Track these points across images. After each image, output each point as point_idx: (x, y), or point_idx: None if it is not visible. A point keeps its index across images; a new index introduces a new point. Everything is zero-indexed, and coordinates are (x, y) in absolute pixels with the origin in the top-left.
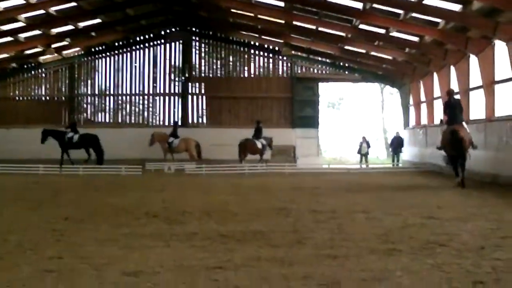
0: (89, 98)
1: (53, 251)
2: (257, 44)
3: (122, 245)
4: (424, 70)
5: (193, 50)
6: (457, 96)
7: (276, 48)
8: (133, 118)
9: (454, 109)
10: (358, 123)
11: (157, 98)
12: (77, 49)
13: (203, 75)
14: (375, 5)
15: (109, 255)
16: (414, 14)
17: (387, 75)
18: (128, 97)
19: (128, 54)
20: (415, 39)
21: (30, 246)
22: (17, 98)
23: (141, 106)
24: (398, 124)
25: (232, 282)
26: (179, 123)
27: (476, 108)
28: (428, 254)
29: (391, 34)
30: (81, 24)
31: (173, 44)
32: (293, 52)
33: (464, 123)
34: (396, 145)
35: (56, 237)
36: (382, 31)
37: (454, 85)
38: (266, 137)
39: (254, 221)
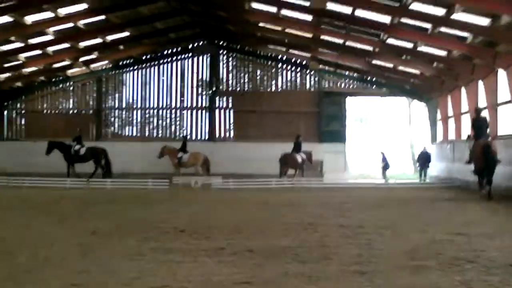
0: (116, 111)
1: (80, 265)
2: (284, 58)
3: (150, 260)
4: (452, 84)
5: (221, 63)
6: (484, 112)
7: (304, 62)
8: (160, 131)
9: (481, 126)
10: (385, 138)
11: (185, 111)
12: (105, 62)
13: (230, 89)
14: (403, 20)
15: (136, 270)
16: (442, 29)
17: (415, 89)
18: (155, 110)
19: (156, 67)
20: (443, 53)
21: (57, 260)
22: (44, 111)
23: (168, 120)
24: (425, 139)
25: None
26: (188, 137)
27: (504, 123)
28: (457, 271)
29: (419, 48)
30: (109, 38)
31: (200, 57)
32: (320, 66)
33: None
34: (423, 160)
35: (84, 251)
36: (410, 45)
37: (482, 100)
38: (306, 151)
39: (282, 236)
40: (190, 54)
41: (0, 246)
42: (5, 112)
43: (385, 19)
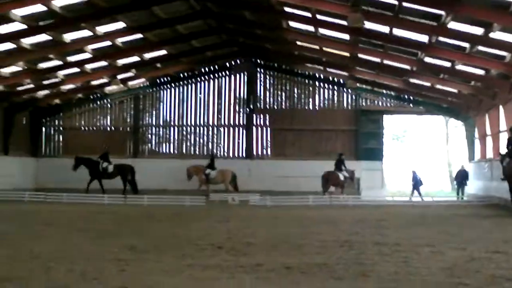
0: (153, 128)
1: (118, 281)
2: (321, 76)
3: (187, 276)
4: (490, 103)
5: (258, 81)
6: None
7: (341, 81)
8: (197, 149)
9: None
10: (422, 156)
11: (222, 129)
12: (142, 80)
13: (267, 106)
14: (440, 39)
15: (174, 286)
16: (480, 48)
17: (452, 107)
18: (192, 128)
19: (193, 85)
20: (481, 72)
21: (94, 276)
22: (82, 128)
23: (205, 137)
24: (463, 158)
25: None
26: (215, 154)
27: None
28: None
29: (456, 67)
30: (147, 56)
31: (238, 75)
32: (357, 84)
33: None
34: (461, 178)
35: (121, 267)
36: (448, 64)
37: None
38: (348, 170)
39: (319, 253)
40: (227, 72)
41: (37, 261)
42: (43, 129)
43: (423, 38)
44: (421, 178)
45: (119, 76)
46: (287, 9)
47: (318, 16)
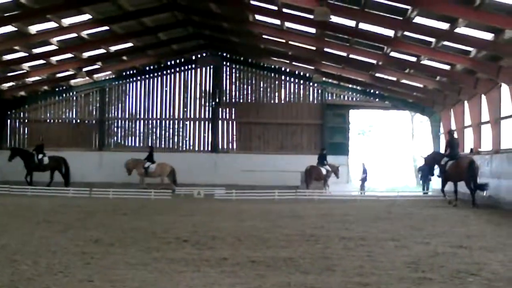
0: (119, 121)
1: (83, 274)
2: (288, 70)
3: (153, 269)
4: (455, 98)
5: (224, 75)
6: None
7: (307, 75)
8: (163, 142)
9: (455, 146)
10: (388, 151)
11: (187, 122)
12: (108, 72)
13: (233, 100)
14: (406, 33)
15: (139, 279)
16: (445, 43)
17: (418, 103)
18: (158, 121)
19: (159, 78)
20: (446, 67)
21: (60, 269)
22: (48, 120)
23: (171, 131)
24: (428, 153)
25: None
26: (153, 147)
27: (507, 137)
28: (459, 283)
29: (422, 62)
30: (113, 48)
31: (204, 69)
32: (324, 78)
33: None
34: (425, 173)
35: (86, 260)
36: (413, 59)
37: (485, 114)
38: (332, 165)
39: (284, 247)
40: (193, 65)
41: (3, 253)
42: (8, 121)
43: (389, 32)
44: (367, 173)
45: (85, 69)
46: (253, 2)
47: (284, 10)
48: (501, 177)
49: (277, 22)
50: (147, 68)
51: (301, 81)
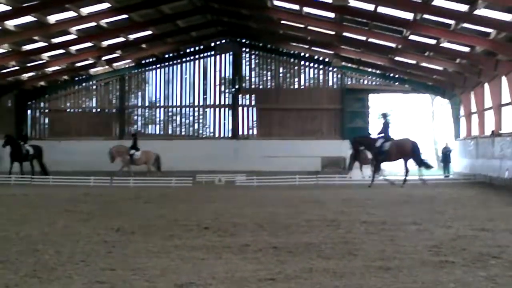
0: (139, 110)
1: (105, 263)
2: (307, 55)
3: (174, 257)
4: (475, 80)
5: (243, 61)
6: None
7: (326, 60)
8: (183, 129)
9: (388, 128)
10: (408, 135)
11: (208, 109)
12: (128, 61)
13: (253, 86)
14: (425, 16)
15: (161, 267)
16: (465, 25)
17: (438, 86)
18: (178, 108)
19: (179, 65)
20: (466, 49)
21: (82, 258)
22: (68, 110)
23: (191, 118)
24: (448, 136)
25: None
26: (137, 134)
27: None
28: (481, 266)
29: (441, 44)
30: (132, 36)
31: (223, 55)
32: (343, 63)
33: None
34: (445, 156)
35: (108, 248)
36: (433, 41)
37: (506, 96)
38: None
39: (306, 232)
40: (212, 52)
41: (25, 243)
42: (29, 112)
43: (408, 15)
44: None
45: (105, 57)
46: None
47: None
48: None
49: (296, 7)
50: (167, 56)
51: (321, 66)
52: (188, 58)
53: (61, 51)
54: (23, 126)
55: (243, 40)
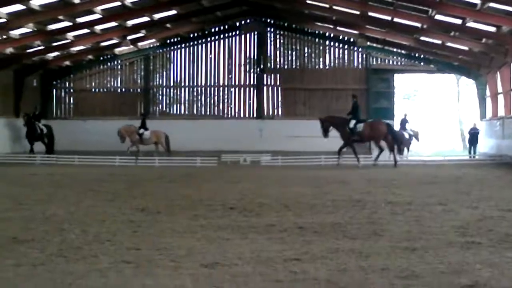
0: (164, 89)
1: (130, 242)
2: (332, 35)
3: (200, 237)
4: (501, 60)
5: (268, 41)
6: None
7: (351, 39)
8: (208, 109)
9: (359, 109)
10: (434, 115)
11: (232, 89)
12: (153, 40)
13: (278, 66)
14: None
15: (186, 247)
16: (491, 4)
17: (463, 66)
18: (203, 88)
19: (203, 45)
20: (492, 29)
21: (108, 237)
22: (93, 90)
23: (216, 98)
24: (474, 116)
25: (310, 274)
26: (146, 114)
27: None
28: (508, 247)
29: (467, 24)
30: (157, 16)
31: (248, 35)
32: (368, 43)
33: None
34: (472, 137)
35: (133, 228)
36: (459, 21)
37: None
38: (413, 130)
39: (331, 213)
40: (237, 32)
41: (51, 223)
42: (54, 91)
43: None
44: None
45: (129, 37)
46: None
47: None
48: None
49: None
50: (191, 36)
51: (345, 46)
52: (213, 38)
53: (86, 30)
54: (48, 105)
55: (268, 20)
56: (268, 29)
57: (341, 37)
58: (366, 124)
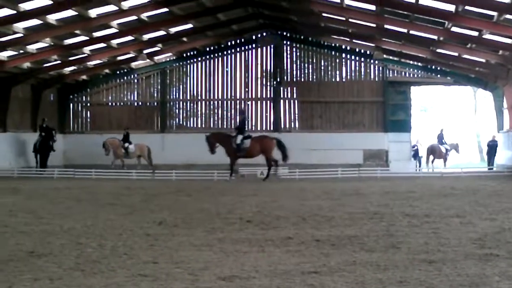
0: (181, 103)
1: (148, 256)
2: (348, 48)
3: (217, 250)
4: None
5: (285, 54)
6: None
7: (368, 52)
8: (225, 123)
9: (245, 125)
10: (451, 127)
11: (249, 102)
12: (169, 54)
13: (294, 79)
14: (467, 7)
15: (204, 260)
16: (508, 16)
17: (480, 78)
18: (220, 102)
19: (220, 59)
20: (509, 41)
21: (125, 251)
22: (109, 104)
23: (233, 111)
24: (491, 128)
25: (328, 287)
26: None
27: None
28: None
29: (484, 36)
30: (173, 30)
31: (264, 48)
32: (384, 55)
33: None
34: (491, 149)
35: (151, 242)
36: (475, 33)
37: None
38: (453, 143)
39: (349, 225)
40: (253, 45)
41: (69, 236)
42: (71, 105)
43: (450, 7)
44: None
45: (146, 51)
46: None
47: None
48: None
49: (337, 0)
50: (208, 49)
51: (362, 59)
52: (229, 51)
53: (103, 45)
54: (65, 120)
55: (284, 33)
56: (284, 42)
57: (357, 49)
58: (253, 140)
